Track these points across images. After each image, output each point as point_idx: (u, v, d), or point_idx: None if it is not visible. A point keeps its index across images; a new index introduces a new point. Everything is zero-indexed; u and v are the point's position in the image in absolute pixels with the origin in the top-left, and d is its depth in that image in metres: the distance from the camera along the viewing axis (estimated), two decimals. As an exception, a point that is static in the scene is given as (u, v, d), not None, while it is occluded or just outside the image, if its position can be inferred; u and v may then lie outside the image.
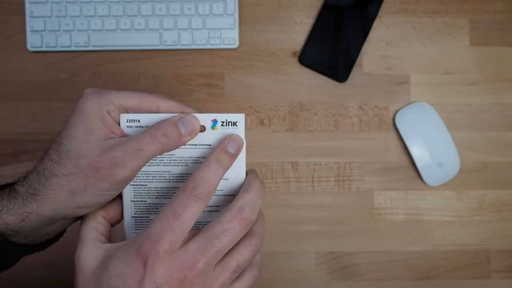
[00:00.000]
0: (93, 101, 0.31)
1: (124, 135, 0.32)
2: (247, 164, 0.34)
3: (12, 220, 0.30)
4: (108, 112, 0.31)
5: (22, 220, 0.30)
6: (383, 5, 0.60)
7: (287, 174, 0.60)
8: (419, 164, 0.59)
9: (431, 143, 0.59)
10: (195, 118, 0.32)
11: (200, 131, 0.33)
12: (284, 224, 0.60)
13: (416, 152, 0.59)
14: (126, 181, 0.31)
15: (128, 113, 0.33)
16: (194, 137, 0.32)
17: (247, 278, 0.32)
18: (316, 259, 0.60)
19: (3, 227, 0.30)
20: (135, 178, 0.33)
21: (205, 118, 0.33)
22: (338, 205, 0.60)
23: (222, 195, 0.35)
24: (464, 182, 0.61)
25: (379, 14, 0.60)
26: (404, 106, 0.60)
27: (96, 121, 0.31)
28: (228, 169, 0.32)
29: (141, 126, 0.33)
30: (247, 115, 0.60)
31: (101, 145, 0.30)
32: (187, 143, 0.32)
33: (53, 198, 0.30)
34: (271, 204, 0.60)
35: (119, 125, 0.32)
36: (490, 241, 0.61)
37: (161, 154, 0.32)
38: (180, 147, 0.32)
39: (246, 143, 0.33)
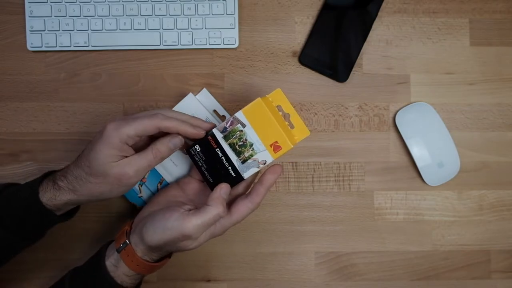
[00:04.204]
0: (113, 135, 0.45)
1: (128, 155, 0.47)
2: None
3: (59, 202, 0.47)
4: (124, 142, 0.45)
5: (65, 203, 0.47)
6: (383, 5, 0.60)
7: (287, 174, 0.60)
8: (419, 164, 0.59)
9: (431, 143, 0.59)
10: (179, 137, 0.47)
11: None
12: (284, 224, 0.60)
13: (417, 152, 0.59)
14: (136, 183, 0.48)
15: (138, 136, 0.46)
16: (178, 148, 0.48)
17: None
18: (316, 259, 0.60)
19: (53, 208, 0.47)
20: None
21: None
22: (338, 205, 0.60)
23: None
24: (464, 182, 0.61)
25: (379, 14, 0.60)
26: (404, 106, 0.60)
27: (115, 151, 0.45)
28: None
29: None
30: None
31: (119, 164, 0.45)
32: None
33: (87, 194, 0.47)
34: (271, 204, 0.60)
35: None
36: (490, 241, 0.61)
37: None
38: None
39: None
